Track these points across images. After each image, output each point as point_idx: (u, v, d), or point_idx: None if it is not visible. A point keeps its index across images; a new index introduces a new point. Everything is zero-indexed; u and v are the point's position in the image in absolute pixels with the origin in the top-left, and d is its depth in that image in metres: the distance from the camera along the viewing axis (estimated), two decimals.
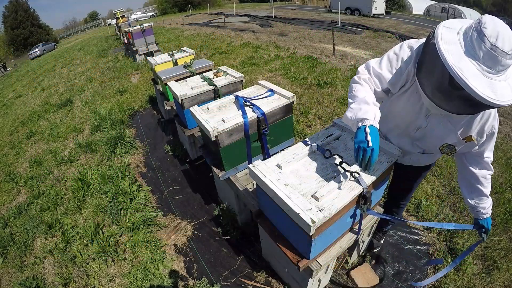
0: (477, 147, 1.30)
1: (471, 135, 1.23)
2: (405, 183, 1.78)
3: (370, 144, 1.12)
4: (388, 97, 1.41)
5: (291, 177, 1.42)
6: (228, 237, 2.41)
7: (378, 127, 1.17)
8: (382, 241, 2.22)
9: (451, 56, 0.97)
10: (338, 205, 1.25)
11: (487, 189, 1.41)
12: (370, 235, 2.07)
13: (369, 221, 1.71)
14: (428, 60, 1.06)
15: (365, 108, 1.19)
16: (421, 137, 1.37)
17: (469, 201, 1.47)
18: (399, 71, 1.26)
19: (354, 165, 1.44)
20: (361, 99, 1.22)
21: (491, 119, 1.20)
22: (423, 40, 1.17)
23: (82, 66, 11.12)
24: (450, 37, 1.02)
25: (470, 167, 1.39)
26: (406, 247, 2.24)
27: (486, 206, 1.44)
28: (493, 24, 0.92)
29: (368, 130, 1.14)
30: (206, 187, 3.03)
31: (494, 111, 1.19)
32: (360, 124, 1.18)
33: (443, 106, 1.07)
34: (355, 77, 1.34)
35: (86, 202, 3.12)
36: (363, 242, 2.07)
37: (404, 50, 1.24)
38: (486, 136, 1.25)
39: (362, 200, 1.37)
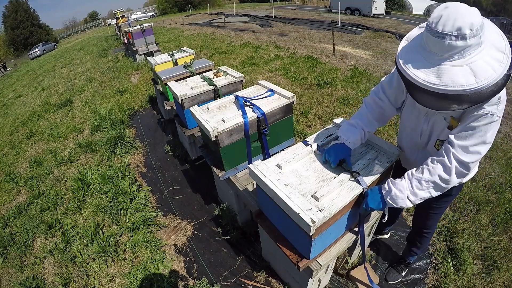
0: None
1: (451, 117, 1.11)
2: (422, 207, 1.62)
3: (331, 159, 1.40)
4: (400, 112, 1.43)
5: (291, 177, 1.42)
6: (228, 237, 2.41)
7: (350, 146, 1.41)
8: (403, 273, 2.02)
9: (401, 49, 1.02)
10: (338, 205, 1.25)
11: (415, 174, 1.19)
12: (370, 235, 2.07)
13: (369, 221, 1.71)
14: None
15: (347, 129, 1.44)
16: (427, 143, 1.32)
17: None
18: (399, 83, 1.28)
19: (354, 165, 1.45)
20: (351, 121, 1.46)
21: (483, 105, 1.00)
22: None
23: (82, 66, 11.12)
24: (414, 34, 1.05)
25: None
26: None
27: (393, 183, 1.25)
28: (440, 10, 0.90)
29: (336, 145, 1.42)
30: (206, 187, 3.03)
31: (497, 97, 0.98)
32: (339, 140, 1.46)
33: (424, 104, 1.01)
34: (364, 99, 1.50)
35: (86, 202, 3.12)
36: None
37: None
38: (468, 116, 1.05)
39: (362, 200, 1.36)
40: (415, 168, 1.22)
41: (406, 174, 1.23)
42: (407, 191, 1.20)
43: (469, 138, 1.06)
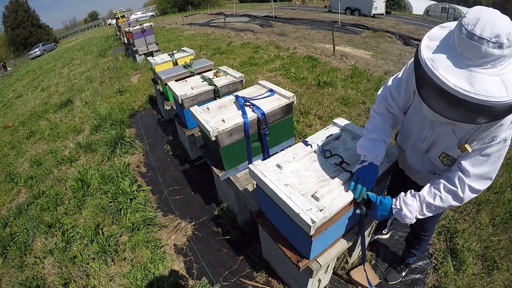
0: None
1: (465, 143, 1.09)
2: None
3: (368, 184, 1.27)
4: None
5: (291, 177, 1.42)
6: (228, 237, 2.41)
7: (377, 164, 1.30)
8: (403, 273, 2.02)
9: (428, 50, 0.93)
10: (338, 205, 1.25)
11: (425, 197, 1.20)
12: (370, 235, 2.07)
13: (369, 221, 1.71)
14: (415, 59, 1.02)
15: (371, 145, 1.31)
16: (428, 149, 1.29)
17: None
18: (407, 88, 1.25)
19: (354, 165, 1.44)
20: (371, 136, 1.34)
21: (495, 128, 1.00)
22: None
23: (82, 66, 11.13)
24: (438, 34, 0.98)
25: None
26: None
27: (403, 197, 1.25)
28: (476, 12, 0.83)
29: (367, 166, 1.28)
30: (206, 187, 3.03)
31: (506, 121, 0.98)
32: (363, 159, 1.32)
33: (436, 109, 0.96)
34: (374, 108, 1.41)
35: (86, 202, 3.12)
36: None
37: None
38: (479, 142, 1.05)
39: (362, 200, 1.36)
40: (426, 191, 1.21)
41: (417, 195, 1.22)
42: (416, 212, 1.22)
43: (484, 165, 1.07)
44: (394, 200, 1.28)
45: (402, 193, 1.27)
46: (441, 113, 0.94)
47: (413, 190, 1.27)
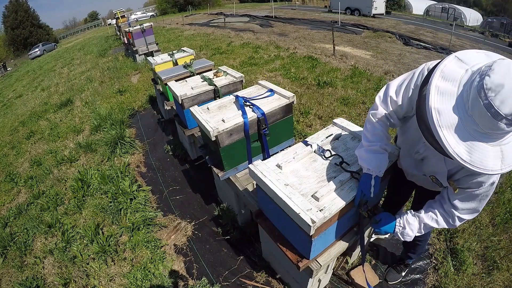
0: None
1: (453, 182, 1.14)
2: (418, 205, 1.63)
3: (372, 195, 1.28)
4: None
5: (291, 177, 1.42)
6: (228, 237, 2.41)
7: (382, 175, 1.29)
8: (403, 273, 2.03)
9: (437, 95, 0.82)
10: (338, 205, 1.25)
11: (424, 218, 1.29)
12: (370, 235, 2.07)
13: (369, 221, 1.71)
14: (422, 89, 0.93)
15: (373, 158, 1.29)
16: (420, 161, 1.31)
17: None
18: (410, 102, 1.19)
19: (354, 165, 1.45)
20: (373, 148, 1.30)
21: (482, 175, 1.01)
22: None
23: (82, 66, 11.13)
24: (453, 72, 0.84)
25: (432, 200, 1.31)
26: None
27: (406, 218, 1.33)
28: (502, 74, 0.71)
29: (373, 181, 1.28)
30: (206, 187, 3.03)
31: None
32: (366, 172, 1.30)
33: (431, 143, 0.93)
34: (373, 114, 1.30)
35: (86, 202, 3.12)
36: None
37: (423, 74, 1.09)
38: (468, 185, 1.09)
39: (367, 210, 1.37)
40: (424, 214, 1.30)
41: (417, 216, 1.31)
42: (416, 231, 1.33)
43: (472, 203, 1.15)
44: (398, 219, 1.34)
45: (405, 213, 1.34)
46: (435, 148, 0.92)
47: (412, 211, 1.35)
